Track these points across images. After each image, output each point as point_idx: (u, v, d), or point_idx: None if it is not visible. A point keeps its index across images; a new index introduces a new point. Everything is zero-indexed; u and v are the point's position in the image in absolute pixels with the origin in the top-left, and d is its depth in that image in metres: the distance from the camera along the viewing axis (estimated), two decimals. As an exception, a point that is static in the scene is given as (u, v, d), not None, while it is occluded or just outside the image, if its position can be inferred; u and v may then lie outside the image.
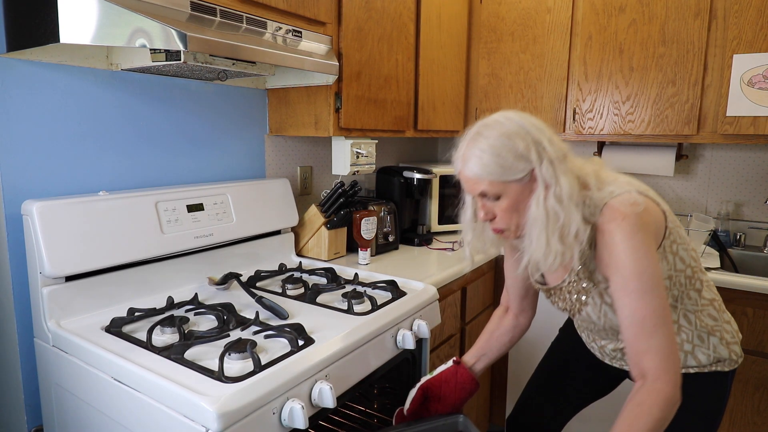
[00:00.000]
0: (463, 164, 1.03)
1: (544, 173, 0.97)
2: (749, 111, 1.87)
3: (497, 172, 0.98)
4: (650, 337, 0.93)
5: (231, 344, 1.03)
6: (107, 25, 1.04)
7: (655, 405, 0.90)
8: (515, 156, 0.97)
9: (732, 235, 2.26)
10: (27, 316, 1.23)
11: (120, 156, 1.42)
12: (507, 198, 1.01)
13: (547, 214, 0.97)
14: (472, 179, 1.02)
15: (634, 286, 0.94)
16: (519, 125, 0.99)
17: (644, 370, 0.94)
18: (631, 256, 0.94)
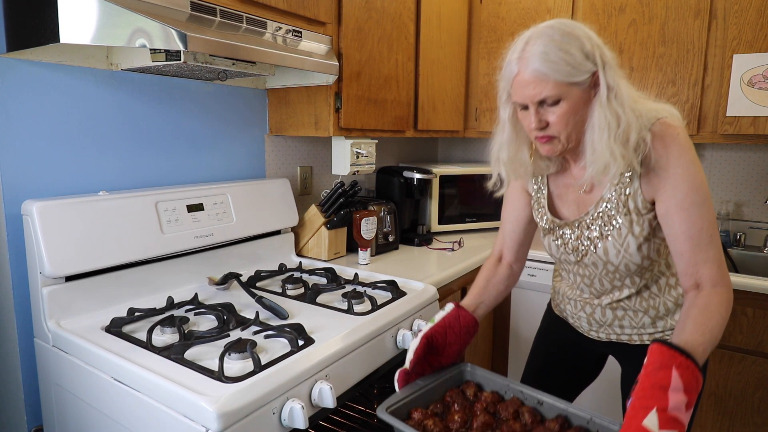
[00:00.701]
0: (524, 65, 0.95)
1: (607, 76, 0.95)
2: (749, 111, 1.87)
3: (564, 71, 0.93)
4: (708, 247, 0.95)
5: (231, 344, 1.03)
6: (107, 25, 1.04)
7: (721, 305, 0.92)
8: (583, 54, 0.94)
9: (732, 235, 2.26)
10: (27, 316, 1.23)
11: (120, 156, 1.42)
12: (567, 102, 0.96)
13: (609, 119, 0.94)
14: (535, 80, 0.95)
15: (693, 199, 0.96)
16: (579, 27, 0.96)
17: (701, 279, 0.96)
18: (690, 169, 0.96)
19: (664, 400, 0.72)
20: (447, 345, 1.08)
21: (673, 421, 0.70)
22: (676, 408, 0.72)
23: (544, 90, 0.95)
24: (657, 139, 0.97)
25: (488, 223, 2.43)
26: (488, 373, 1.06)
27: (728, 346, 1.80)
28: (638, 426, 0.71)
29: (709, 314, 0.91)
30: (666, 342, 0.81)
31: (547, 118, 0.98)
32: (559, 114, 0.97)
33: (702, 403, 1.87)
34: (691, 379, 0.76)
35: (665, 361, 0.77)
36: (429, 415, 0.93)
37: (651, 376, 0.76)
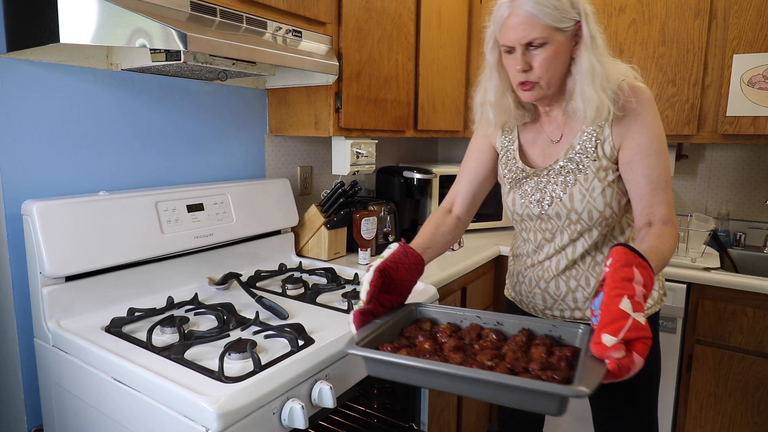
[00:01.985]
0: (516, 7, 1.03)
1: (591, 27, 1.04)
2: (749, 111, 1.87)
3: (553, 15, 1.01)
4: (663, 191, 1.08)
5: (231, 344, 1.03)
6: (107, 25, 1.04)
7: (671, 237, 1.03)
8: (570, 3, 1.03)
9: (732, 235, 2.26)
10: (27, 316, 1.23)
11: (120, 156, 1.42)
12: (552, 46, 1.04)
13: (594, 64, 1.04)
14: (525, 22, 1.03)
15: (656, 146, 1.07)
16: None
17: (654, 218, 1.07)
18: (656, 120, 1.08)
19: (632, 290, 0.81)
20: (399, 282, 1.07)
21: (640, 305, 0.81)
22: (639, 296, 0.82)
23: (533, 32, 1.03)
24: (631, 89, 1.08)
25: (488, 223, 2.43)
26: (439, 307, 1.08)
27: (728, 346, 1.80)
28: (617, 309, 0.78)
29: (661, 241, 1.01)
30: (627, 245, 0.89)
31: (531, 61, 1.06)
32: (543, 57, 1.05)
33: (702, 403, 1.87)
34: (647, 278, 0.85)
35: (628, 260, 0.85)
36: (398, 348, 0.90)
37: (618, 271, 0.85)
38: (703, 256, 1.98)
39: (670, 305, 1.87)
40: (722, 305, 1.79)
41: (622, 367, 0.75)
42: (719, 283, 1.78)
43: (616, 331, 0.76)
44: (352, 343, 0.88)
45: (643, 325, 0.78)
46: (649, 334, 0.78)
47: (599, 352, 0.77)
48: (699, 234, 2.04)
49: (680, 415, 1.92)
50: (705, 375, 1.85)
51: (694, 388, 1.88)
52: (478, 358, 0.86)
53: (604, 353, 0.76)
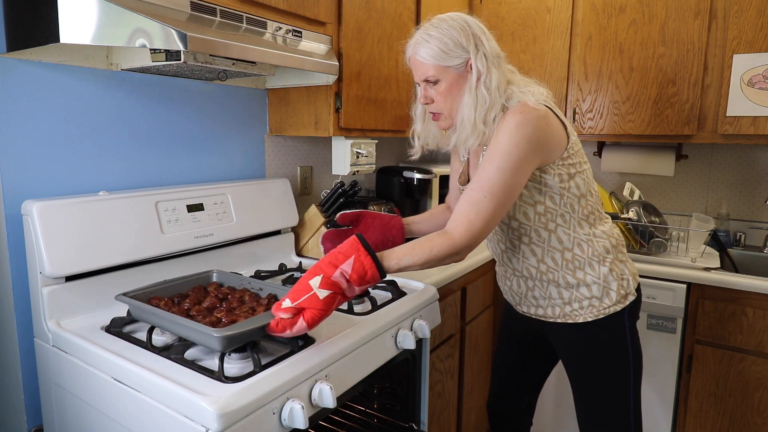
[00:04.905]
0: (414, 50, 1.18)
1: (478, 64, 1.13)
2: (749, 111, 1.87)
3: (440, 56, 1.14)
4: (477, 202, 1.08)
5: (231, 344, 1.03)
6: (107, 25, 1.04)
7: (440, 245, 1.07)
8: (456, 44, 1.14)
9: (732, 235, 2.26)
10: (27, 316, 1.23)
11: (120, 156, 1.42)
12: (445, 82, 1.16)
13: (476, 98, 1.13)
14: (419, 63, 1.17)
15: (491, 158, 1.10)
16: (464, 21, 1.16)
17: (454, 224, 1.09)
18: (508, 139, 1.09)
19: (330, 271, 0.98)
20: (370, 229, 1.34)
21: (331, 284, 0.97)
22: (337, 277, 0.98)
23: (426, 71, 1.17)
24: (504, 116, 1.13)
25: (488, 223, 2.42)
26: (230, 275, 1.32)
27: (728, 346, 1.80)
28: (305, 283, 0.97)
29: (424, 243, 1.08)
30: (361, 237, 1.03)
31: (432, 95, 1.20)
32: (438, 92, 1.18)
33: (702, 403, 1.87)
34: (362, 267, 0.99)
35: (349, 250, 1.01)
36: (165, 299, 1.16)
37: (331, 255, 1.01)
38: (703, 256, 1.98)
39: (670, 305, 1.87)
40: (722, 305, 1.79)
41: (281, 324, 0.96)
42: (719, 283, 1.78)
43: (294, 298, 0.96)
44: (122, 293, 1.14)
45: (320, 299, 0.96)
46: (320, 307, 0.96)
47: (274, 310, 0.97)
48: (699, 234, 2.04)
49: (680, 415, 1.92)
50: (705, 375, 1.85)
51: (694, 388, 1.88)
52: (215, 312, 1.11)
53: (275, 312, 0.96)
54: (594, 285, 1.22)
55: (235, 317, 1.08)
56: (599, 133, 2.20)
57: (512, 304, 1.41)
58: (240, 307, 1.14)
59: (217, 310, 1.13)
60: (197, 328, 0.97)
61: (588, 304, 1.23)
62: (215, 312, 1.11)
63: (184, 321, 1.00)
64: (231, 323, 1.04)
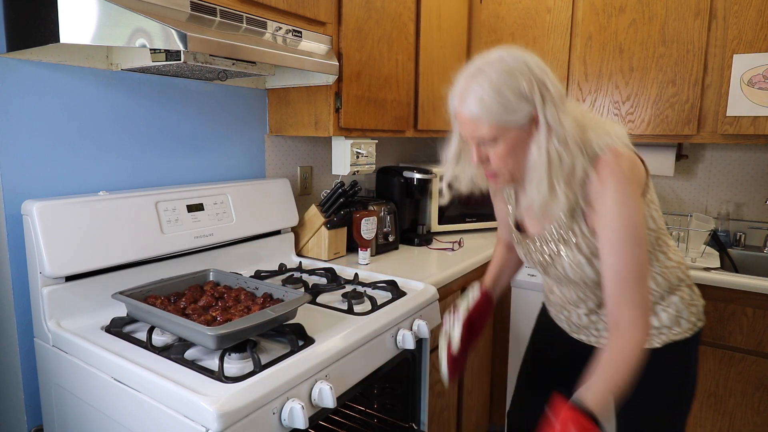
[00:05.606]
0: (461, 102, 0.97)
1: (547, 115, 0.93)
2: (749, 111, 1.87)
3: (498, 113, 0.94)
4: (633, 288, 0.96)
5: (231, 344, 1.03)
6: (107, 25, 1.04)
7: (632, 354, 0.95)
8: (518, 96, 0.93)
9: (732, 235, 2.26)
10: (27, 316, 1.23)
11: (119, 156, 1.42)
12: (504, 142, 0.97)
13: (550, 158, 0.94)
14: (470, 121, 0.97)
15: (622, 236, 0.96)
16: (522, 62, 0.95)
17: (620, 321, 0.97)
18: (623, 208, 0.96)
19: None
20: (481, 327, 1.24)
21: None
22: None
23: (480, 130, 0.97)
24: (599, 172, 0.97)
25: (488, 223, 2.43)
26: (226, 274, 1.32)
27: (728, 346, 1.80)
28: None
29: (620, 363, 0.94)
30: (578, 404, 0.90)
31: (487, 153, 1.01)
32: (498, 153, 0.99)
33: (702, 403, 1.87)
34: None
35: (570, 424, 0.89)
36: (161, 298, 1.16)
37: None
38: (703, 256, 1.98)
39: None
40: (722, 305, 1.79)
41: None
42: (719, 283, 1.78)
43: None
44: (119, 291, 1.15)
45: None
46: None
47: None
48: (699, 234, 2.04)
49: (680, 415, 1.92)
50: (705, 375, 1.85)
51: (694, 388, 1.88)
52: (211, 311, 1.12)
53: None
54: (665, 314, 1.13)
55: (230, 316, 1.08)
56: (599, 133, 2.20)
57: (566, 331, 1.29)
58: (235, 305, 1.15)
59: (212, 308, 1.13)
60: (192, 327, 0.97)
61: (657, 333, 1.13)
62: (211, 310, 1.12)
63: (179, 319, 1.00)
64: (226, 322, 1.05)
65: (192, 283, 1.29)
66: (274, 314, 1.03)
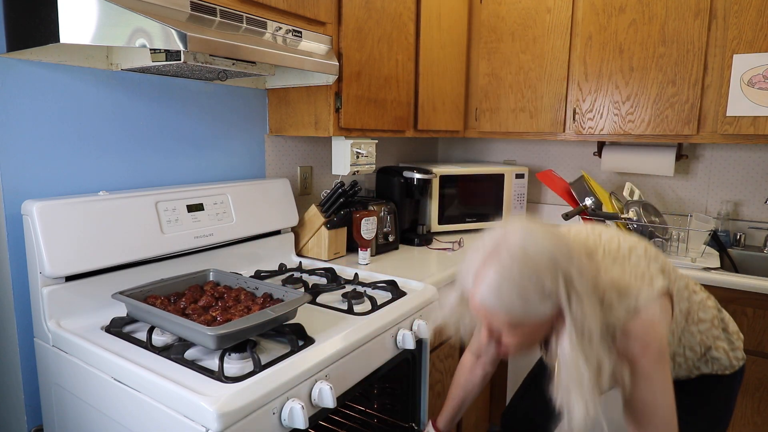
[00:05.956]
0: (476, 287, 0.88)
1: (573, 313, 0.84)
2: (749, 111, 1.87)
3: (517, 309, 0.85)
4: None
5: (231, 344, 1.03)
6: (107, 25, 1.04)
7: None
8: (541, 294, 0.84)
9: (732, 235, 2.26)
10: (27, 316, 1.23)
11: (120, 156, 1.42)
12: (522, 331, 0.89)
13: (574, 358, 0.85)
14: (484, 311, 0.88)
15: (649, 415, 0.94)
16: (548, 255, 0.85)
17: None
18: (649, 389, 0.93)
19: None
20: None
21: None
22: None
23: (495, 321, 0.89)
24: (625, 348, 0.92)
25: (488, 223, 2.42)
26: (226, 274, 1.32)
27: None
28: None
29: None
30: None
31: (500, 336, 0.92)
32: (511, 341, 0.91)
33: (702, 403, 1.87)
34: None
35: None
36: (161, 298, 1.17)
37: None
38: (703, 256, 1.98)
39: (670, 305, 1.87)
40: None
41: None
42: (719, 283, 1.78)
43: None
44: (119, 291, 1.15)
45: None
46: None
47: None
48: (699, 234, 2.04)
49: (680, 415, 1.92)
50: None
51: (694, 388, 1.88)
52: (211, 311, 1.12)
53: None
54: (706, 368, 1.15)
55: (230, 316, 1.08)
56: (599, 134, 2.20)
57: None
58: (235, 305, 1.15)
59: (212, 308, 1.13)
60: (192, 327, 0.97)
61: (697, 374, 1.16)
62: (211, 310, 1.12)
63: (179, 319, 1.00)
64: (226, 322, 1.05)
65: (192, 283, 1.29)
66: (274, 314, 1.03)
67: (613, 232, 1.08)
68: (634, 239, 1.06)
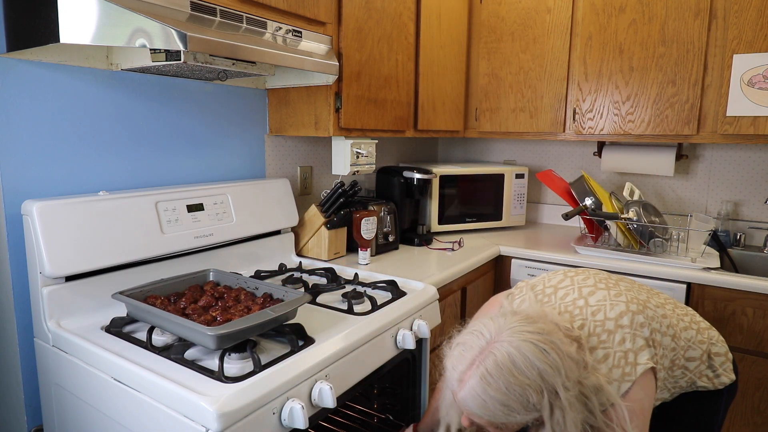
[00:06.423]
0: (461, 389, 0.89)
1: (554, 423, 0.87)
2: (749, 111, 1.87)
3: (500, 417, 0.87)
4: None
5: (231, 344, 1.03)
6: (107, 25, 1.04)
7: None
8: (525, 407, 0.86)
9: (732, 235, 2.26)
10: (27, 316, 1.23)
11: (119, 156, 1.42)
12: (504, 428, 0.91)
13: None
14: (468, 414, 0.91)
15: None
16: (537, 372, 0.86)
17: None
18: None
19: None
20: None
21: None
22: None
23: (478, 421, 0.91)
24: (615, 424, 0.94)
25: (488, 223, 2.43)
26: (226, 274, 1.32)
27: (728, 346, 1.80)
28: None
29: None
30: None
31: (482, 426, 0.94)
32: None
33: (702, 403, 1.87)
34: None
35: None
36: (161, 298, 1.17)
37: None
38: (703, 256, 1.98)
39: (670, 305, 1.87)
40: (722, 305, 1.79)
41: None
42: (719, 283, 1.78)
43: None
44: (119, 291, 1.15)
45: None
46: None
47: None
48: (699, 234, 2.04)
49: (680, 415, 1.92)
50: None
51: (694, 388, 1.88)
52: (211, 311, 1.12)
53: None
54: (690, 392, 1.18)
55: (230, 316, 1.08)
56: (599, 133, 2.20)
57: None
58: (235, 305, 1.15)
59: (212, 308, 1.13)
60: (192, 326, 0.97)
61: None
62: (211, 310, 1.12)
63: (179, 319, 1.00)
64: (226, 322, 1.05)
65: (192, 283, 1.29)
66: (274, 314, 1.03)
67: (600, 296, 1.06)
68: (622, 306, 1.04)
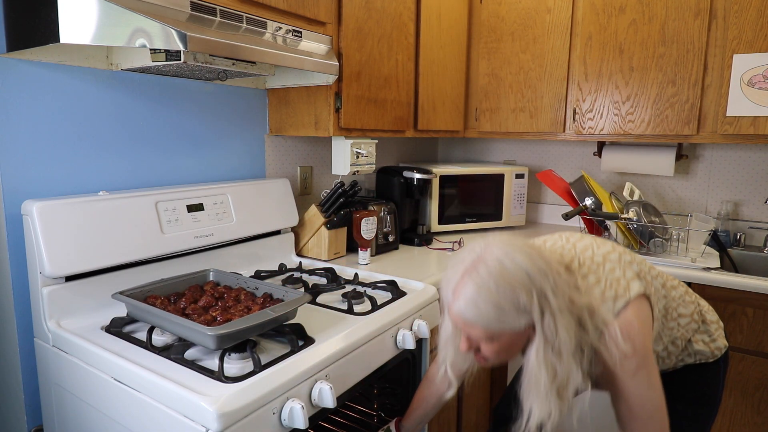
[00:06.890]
0: (455, 299, 0.93)
1: (545, 328, 0.90)
2: (749, 111, 1.87)
3: (493, 322, 0.90)
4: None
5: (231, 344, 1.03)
6: (107, 25, 1.04)
7: None
8: (516, 308, 0.89)
9: (732, 235, 2.26)
10: (27, 316, 1.23)
11: (120, 156, 1.42)
12: (498, 342, 0.94)
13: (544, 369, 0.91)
14: (462, 322, 0.94)
15: (637, 413, 0.98)
16: (525, 272, 0.90)
17: None
18: (636, 390, 0.97)
19: None
20: None
21: None
22: None
23: (472, 331, 0.94)
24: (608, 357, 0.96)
25: (488, 223, 2.43)
26: (226, 274, 1.33)
27: (728, 346, 1.80)
28: None
29: None
30: None
31: (479, 345, 0.97)
32: (489, 349, 0.96)
33: (702, 403, 1.87)
34: None
35: None
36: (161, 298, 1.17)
37: None
38: (703, 256, 1.98)
39: (670, 305, 1.87)
40: (722, 305, 1.79)
41: None
42: (719, 283, 1.78)
43: None
44: (119, 291, 1.16)
45: None
46: None
47: None
48: (699, 234, 2.04)
49: (680, 415, 1.92)
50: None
51: (694, 388, 1.88)
52: (211, 311, 1.12)
53: None
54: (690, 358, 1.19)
55: (230, 316, 1.08)
56: (599, 133, 2.20)
57: None
58: (235, 305, 1.15)
59: (212, 308, 1.13)
60: (192, 327, 0.97)
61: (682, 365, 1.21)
62: (211, 311, 1.12)
63: (179, 319, 1.00)
64: (226, 322, 1.05)
65: (192, 283, 1.29)
66: (274, 314, 1.03)
67: (588, 241, 1.10)
68: (609, 246, 1.08)
